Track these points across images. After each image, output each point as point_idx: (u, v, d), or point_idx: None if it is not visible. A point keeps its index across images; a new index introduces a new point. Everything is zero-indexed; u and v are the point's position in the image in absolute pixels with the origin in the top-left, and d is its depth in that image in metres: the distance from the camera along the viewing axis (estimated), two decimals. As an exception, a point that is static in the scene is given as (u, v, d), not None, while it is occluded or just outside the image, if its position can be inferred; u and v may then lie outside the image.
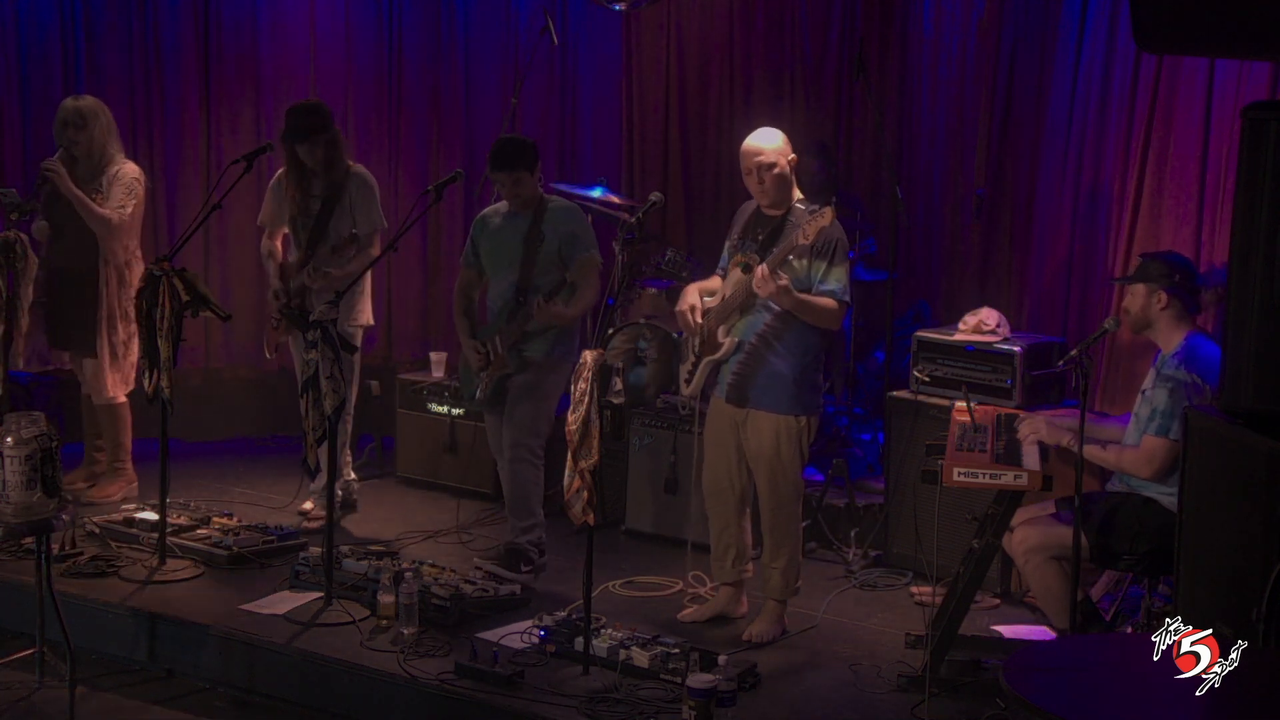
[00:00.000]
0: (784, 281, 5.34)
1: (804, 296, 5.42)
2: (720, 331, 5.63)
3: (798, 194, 5.66)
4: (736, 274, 5.61)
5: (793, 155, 5.62)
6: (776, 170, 5.55)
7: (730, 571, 5.84)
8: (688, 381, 5.81)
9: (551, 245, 6.20)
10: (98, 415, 7.14)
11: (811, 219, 5.32)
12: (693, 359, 5.78)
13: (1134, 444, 5.37)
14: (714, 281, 5.85)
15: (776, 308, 5.49)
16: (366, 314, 6.79)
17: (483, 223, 6.43)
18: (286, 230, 6.81)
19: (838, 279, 5.47)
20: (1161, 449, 5.24)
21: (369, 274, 6.64)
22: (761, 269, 5.32)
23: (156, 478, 6.30)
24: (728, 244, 5.81)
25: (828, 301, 5.46)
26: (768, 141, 5.58)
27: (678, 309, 5.80)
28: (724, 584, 5.89)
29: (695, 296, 5.74)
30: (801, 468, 5.68)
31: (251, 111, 8.44)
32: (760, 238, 5.59)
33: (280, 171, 6.77)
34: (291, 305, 6.53)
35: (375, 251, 6.64)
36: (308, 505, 6.95)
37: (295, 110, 6.68)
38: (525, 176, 6.18)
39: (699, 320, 5.68)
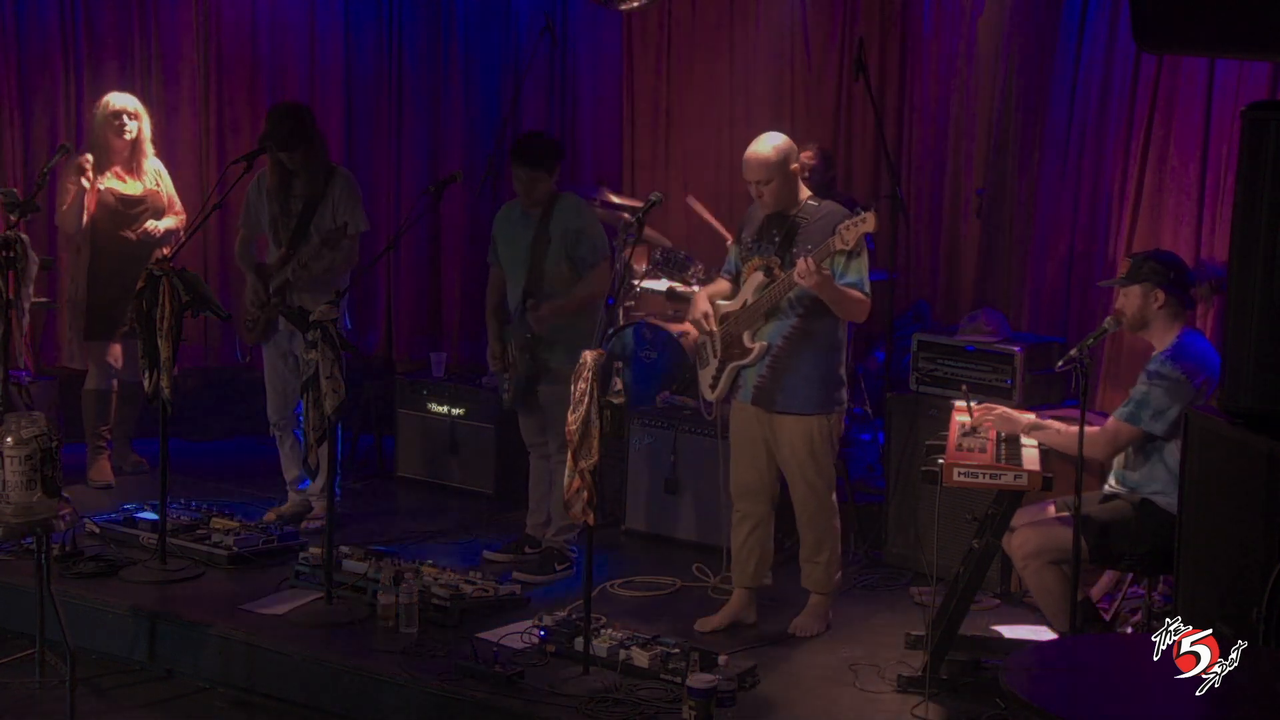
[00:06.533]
0: (826, 273, 5.36)
1: (842, 288, 5.42)
2: (746, 337, 5.62)
3: (805, 191, 5.68)
4: (758, 278, 5.60)
5: (795, 163, 5.61)
6: (774, 184, 5.54)
7: (751, 576, 5.82)
8: (712, 387, 5.78)
9: (558, 245, 6.21)
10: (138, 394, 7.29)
11: (853, 224, 5.29)
12: (714, 364, 5.76)
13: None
14: (720, 285, 5.84)
15: (802, 310, 5.51)
16: (344, 318, 6.72)
17: (500, 221, 6.46)
18: (265, 234, 6.78)
19: (857, 271, 5.48)
20: (1123, 432, 5.26)
21: (348, 277, 6.65)
22: (808, 262, 5.29)
23: (156, 478, 6.30)
24: (736, 247, 5.81)
25: (858, 293, 5.48)
26: (764, 157, 5.53)
27: (690, 317, 5.81)
28: (741, 588, 5.85)
29: (706, 303, 5.75)
30: (834, 462, 5.72)
31: (251, 111, 8.45)
32: (777, 238, 5.59)
33: (260, 173, 6.75)
34: (288, 307, 6.51)
35: (355, 256, 6.66)
36: (284, 508, 6.93)
37: (273, 116, 6.62)
38: (543, 177, 6.19)
39: (714, 327, 5.70)
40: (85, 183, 7.19)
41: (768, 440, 5.68)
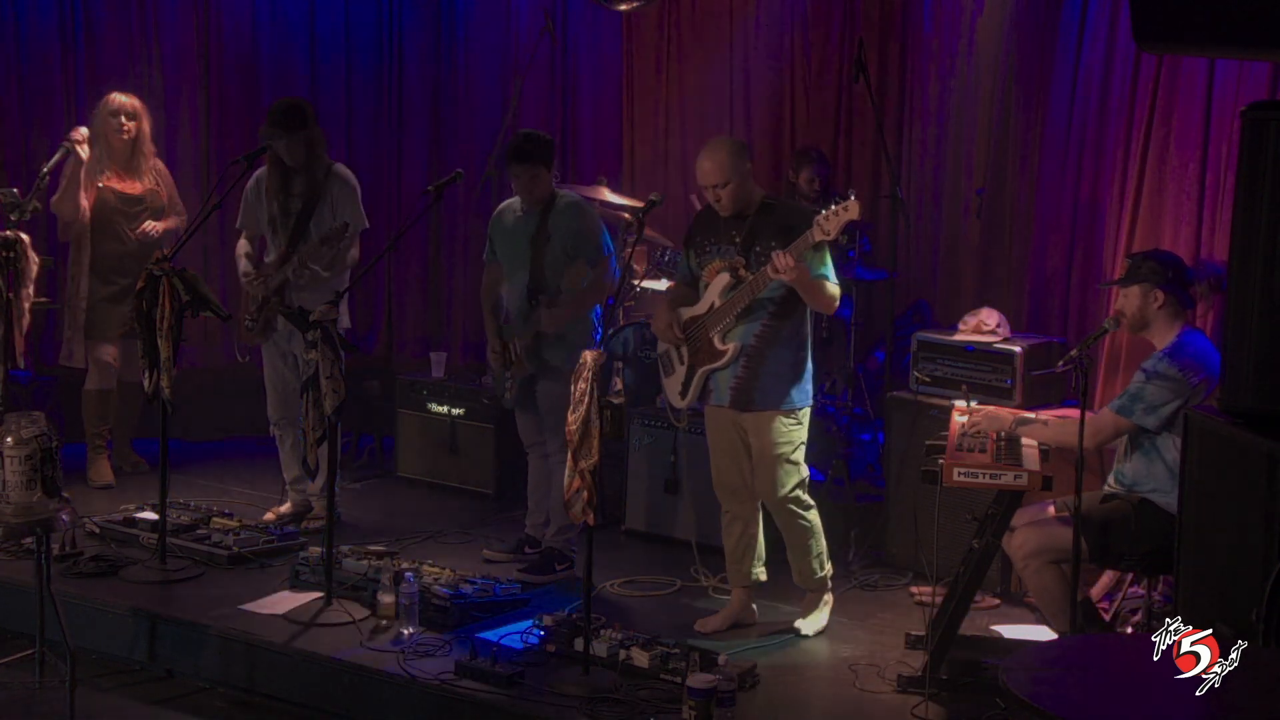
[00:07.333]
0: (804, 265, 5.35)
1: (817, 281, 5.44)
2: (716, 339, 5.61)
3: (758, 189, 5.67)
4: (723, 279, 5.58)
5: (749, 164, 5.61)
6: (732, 186, 5.53)
7: (746, 575, 5.83)
8: (681, 394, 5.77)
9: (556, 244, 6.21)
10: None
11: (833, 214, 5.27)
12: (682, 370, 5.75)
13: None
14: (683, 292, 5.83)
15: (772, 308, 5.51)
16: (345, 318, 6.71)
17: (497, 220, 6.45)
18: (264, 234, 6.77)
19: (823, 263, 5.49)
20: (1110, 423, 5.28)
21: (347, 277, 6.65)
22: (786, 257, 5.27)
23: (156, 478, 6.30)
24: (689, 252, 5.77)
25: (833, 285, 5.51)
26: (721, 162, 5.51)
27: (655, 327, 5.82)
28: (739, 588, 5.85)
29: (670, 311, 5.75)
30: (803, 455, 5.72)
31: (251, 111, 8.44)
32: (738, 239, 5.58)
33: (259, 172, 6.73)
34: (288, 307, 6.50)
35: (355, 253, 6.66)
36: (284, 508, 6.93)
37: (276, 107, 6.64)
38: (542, 172, 6.19)
39: (680, 334, 5.69)
40: (81, 151, 7.17)
41: (744, 440, 5.69)
